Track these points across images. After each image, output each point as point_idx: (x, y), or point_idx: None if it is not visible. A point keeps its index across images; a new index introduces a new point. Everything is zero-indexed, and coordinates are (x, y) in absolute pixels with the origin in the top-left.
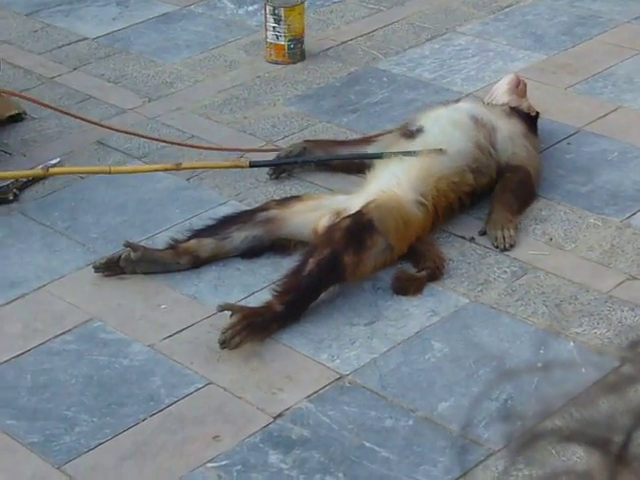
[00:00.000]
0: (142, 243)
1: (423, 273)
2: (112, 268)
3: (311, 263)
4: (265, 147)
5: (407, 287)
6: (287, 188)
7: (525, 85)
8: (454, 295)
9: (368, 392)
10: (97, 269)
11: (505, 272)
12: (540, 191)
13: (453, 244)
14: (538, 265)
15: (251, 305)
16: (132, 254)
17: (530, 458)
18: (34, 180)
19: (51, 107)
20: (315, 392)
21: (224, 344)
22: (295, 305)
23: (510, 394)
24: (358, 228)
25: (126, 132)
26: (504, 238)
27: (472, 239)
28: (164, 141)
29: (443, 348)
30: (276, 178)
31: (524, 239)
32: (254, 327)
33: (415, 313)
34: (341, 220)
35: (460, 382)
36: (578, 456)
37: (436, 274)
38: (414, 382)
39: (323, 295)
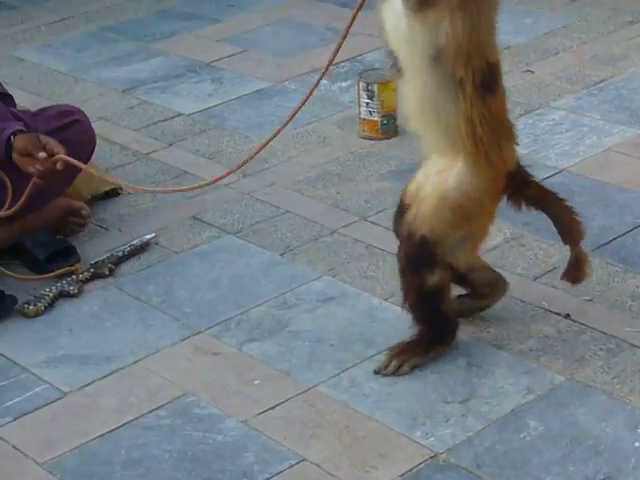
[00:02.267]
0: (235, 318)
1: (578, 248)
2: None
3: (409, 298)
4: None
5: (576, 274)
6: (376, 261)
7: None
8: (549, 373)
9: (463, 471)
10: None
11: (601, 349)
12: (636, 268)
13: (549, 321)
14: (635, 342)
15: (344, 381)
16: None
17: None
18: (129, 255)
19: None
20: (409, 470)
21: (385, 369)
22: (434, 327)
23: (607, 473)
24: (415, 253)
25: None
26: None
27: (567, 316)
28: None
29: (539, 426)
30: None
31: (620, 316)
32: (413, 350)
33: (510, 391)
34: (399, 247)
35: (556, 461)
36: None
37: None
38: (509, 461)
39: (417, 371)
